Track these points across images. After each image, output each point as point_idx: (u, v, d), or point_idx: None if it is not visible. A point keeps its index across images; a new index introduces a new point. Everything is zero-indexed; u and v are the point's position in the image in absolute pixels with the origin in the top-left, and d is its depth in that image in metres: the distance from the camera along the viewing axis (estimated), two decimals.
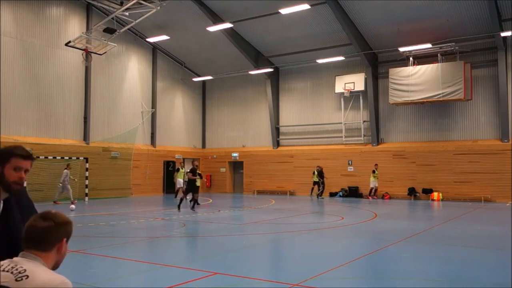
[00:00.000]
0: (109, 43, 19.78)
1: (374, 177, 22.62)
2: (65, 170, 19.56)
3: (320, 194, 23.01)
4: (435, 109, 22.82)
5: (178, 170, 22.69)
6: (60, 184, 19.33)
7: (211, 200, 21.80)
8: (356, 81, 24.18)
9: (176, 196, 21.77)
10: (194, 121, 29.98)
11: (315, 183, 23.61)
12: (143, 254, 8.88)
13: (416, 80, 21.69)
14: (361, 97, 24.50)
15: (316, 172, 23.41)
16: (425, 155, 22.70)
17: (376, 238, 10.52)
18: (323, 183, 23.20)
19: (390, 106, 23.53)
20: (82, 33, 20.03)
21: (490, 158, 21.08)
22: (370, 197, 22.67)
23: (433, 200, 21.82)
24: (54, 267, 2.13)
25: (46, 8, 21.32)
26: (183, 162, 25.63)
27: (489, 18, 19.50)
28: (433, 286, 6.32)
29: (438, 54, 21.65)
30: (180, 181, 22.11)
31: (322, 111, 26.07)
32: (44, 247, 2.08)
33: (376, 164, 22.94)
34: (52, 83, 21.50)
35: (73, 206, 17.09)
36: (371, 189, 22.74)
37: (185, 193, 16.68)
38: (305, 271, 6.96)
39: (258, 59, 26.11)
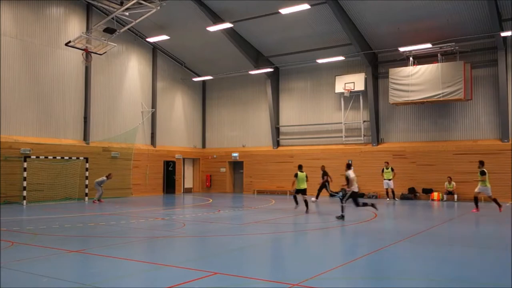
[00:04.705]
0: (109, 43, 19.76)
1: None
2: None
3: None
4: (435, 109, 22.82)
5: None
6: None
7: (211, 200, 21.79)
8: (356, 81, 24.17)
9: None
10: (194, 121, 29.98)
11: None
12: (143, 254, 8.88)
13: (416, 80, 21.69)
14: (361, 97, 24.51)
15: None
16: (425, 155, 22.70)
17: (376, 238, 10.51)
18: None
19: (390, 106, 23.53)
20: (82, 33, 20.01)
21: (490, 158, 21.04)
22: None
23: (433, 200, 21.81)
24: None
25: (46, 8, 21.32)
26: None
27: (489, 18, 19.51)
28: (433, 286, 6.32)
29: (438, 54, 21.65)
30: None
31: (322, 111, 26.08)
32: None
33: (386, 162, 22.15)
34: (52, 83, 21.51)
35: None
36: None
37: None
38: (305, 271, 6.96)
39: (258, 59, 26.11)
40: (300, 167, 16.84)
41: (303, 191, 16.04)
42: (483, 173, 15.44)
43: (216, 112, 30.13)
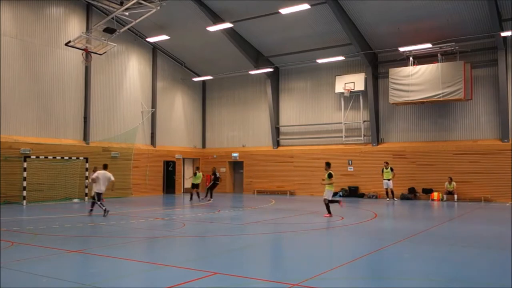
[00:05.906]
0: (109, 43, 19.74)
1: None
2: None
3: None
4: (435, 109, 22.82)
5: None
6: None
7: (211, 200, 21.79)
8: (356, 81, 24.17)
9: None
10: (194, 121, 29.98)
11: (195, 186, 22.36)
12: (143, 254, 8.89)
13: (416, 80, 21.69)
14: (361, 97, 24.51)
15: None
16: (425, 155, 22.70)
17: (376, 238, 10.52)
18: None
19: (390, 106, 23.53)
20: (82, 33, 20.00)
21: (490, 158, 21.08)
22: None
23: (433, 200, 21.81)
24: None
25: (46, 8, 21.32)
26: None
27: (489, 18, 19.51)
28: (433, 286, 6.33)
29: (438, 54, 21.65)
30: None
31: (322, 111, 26.08)
32: None
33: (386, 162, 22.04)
34: (52, 83, 21.51)
35: None
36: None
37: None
38: (305, 271, 6.96)
39: (258, 59, 26.11)
40: (197, 169, 24.01)
41: (197, 186, 22.34)
42: (330, 176, 14.28)
43: (216, 112, 30.13)
